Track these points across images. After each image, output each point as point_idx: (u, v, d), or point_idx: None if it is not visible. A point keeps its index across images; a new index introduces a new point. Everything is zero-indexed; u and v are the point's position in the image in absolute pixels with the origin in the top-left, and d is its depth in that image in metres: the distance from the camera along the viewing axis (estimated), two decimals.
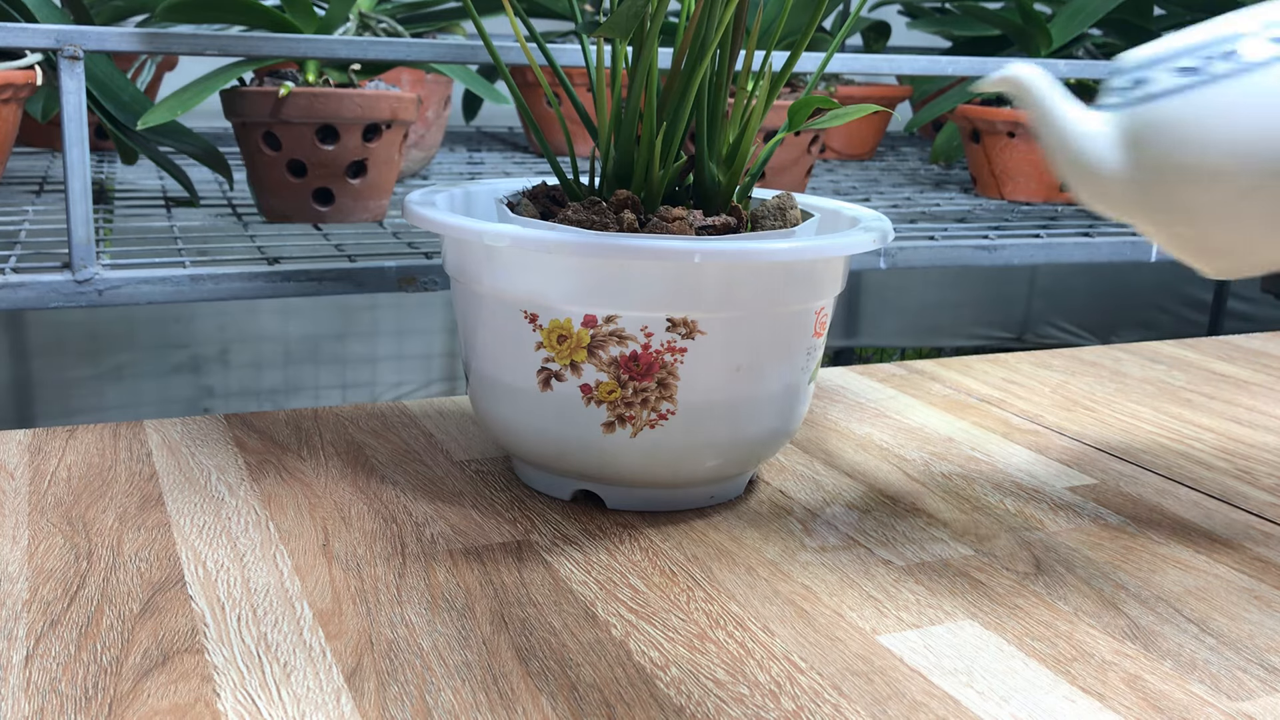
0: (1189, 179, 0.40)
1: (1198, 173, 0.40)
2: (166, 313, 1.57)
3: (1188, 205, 0.40)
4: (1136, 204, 0.41)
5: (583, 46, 0.52)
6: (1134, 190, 0.41)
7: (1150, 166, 0.40)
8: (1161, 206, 0.41)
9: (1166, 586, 0.44)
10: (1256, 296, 1.92)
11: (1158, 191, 0.41)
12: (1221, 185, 0.39)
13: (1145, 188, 0.41)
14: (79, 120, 0.68)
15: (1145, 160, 0.40)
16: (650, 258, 0.43)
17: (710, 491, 0.49)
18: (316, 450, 0.54)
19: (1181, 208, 0.40)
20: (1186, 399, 0.68)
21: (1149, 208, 0.41)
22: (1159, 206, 0.41)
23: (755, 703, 0.35)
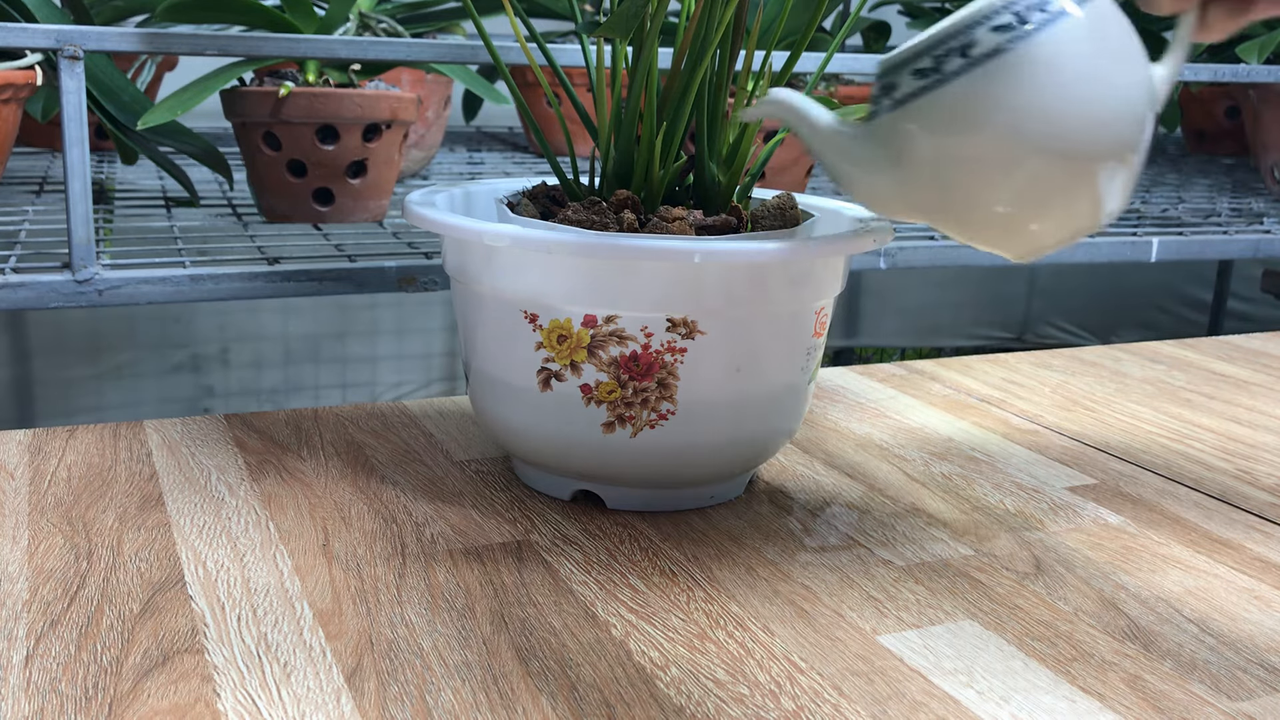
0: (945, 173, 0.41)
1: (952, 166, 0.40)
2: (166, 312, 1.57)
3: (954, 198, 0.41)
4: (910, 204, 0.42)
5: (583, 46, 0.52)
6: (904, 191, 0.42)
7: (910, 166, 0.41)
8: (933, 204, 0.41)
9: (1166, 586, 0.44)
10: (1256, 296, 1.92)
11: (925, 189, 0.41)
12: (975, 174, 0.40)
13: (913, 187, 0.42)
14: (79, 120, 0.68)
15: (905, 161, 0.41)
16: (650, 258, 0.43)
17: (710, 491, 0.49)
18: (316, 450, 0.54)
19: (950, 201, 0.41)
20: (1186, 399, 0.68)
21: (923, 206, 0.42)
22: (931, 204, 0.42)
23: (755, 703, 0.35)
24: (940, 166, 0.41)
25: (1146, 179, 1.46)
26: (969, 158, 0.40)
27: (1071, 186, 0.40)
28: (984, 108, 0.40)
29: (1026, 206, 0.40)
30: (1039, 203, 0.40)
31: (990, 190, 0.40)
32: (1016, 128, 0.39)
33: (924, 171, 0.41)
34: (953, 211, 0.42)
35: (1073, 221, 0.41)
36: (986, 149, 0.40)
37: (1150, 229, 1.06)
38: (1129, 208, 1.21)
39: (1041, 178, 0.40)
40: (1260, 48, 1.09)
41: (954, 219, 0.42)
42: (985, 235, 0.42)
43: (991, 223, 0.41)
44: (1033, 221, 0.41)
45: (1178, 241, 1.02)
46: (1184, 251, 1.03)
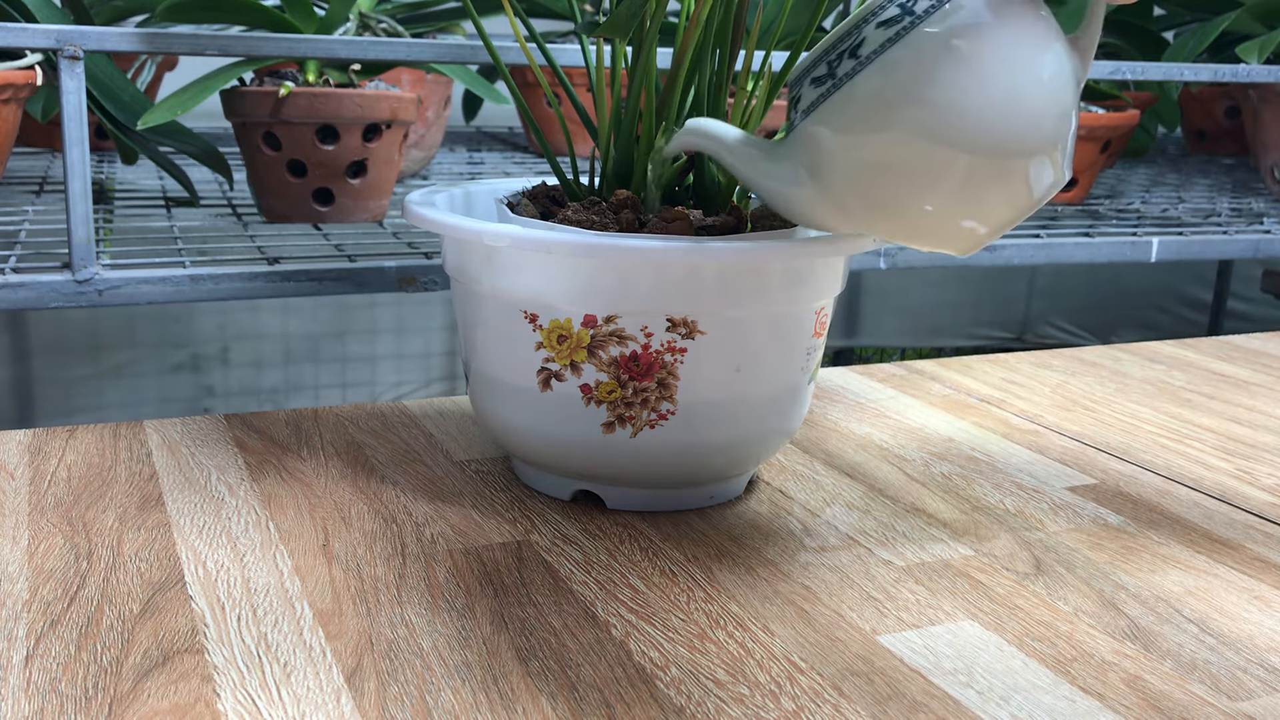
0: (860, 177, 0.40)
1: (865, 169, 0.39)
2: (166, 312, 1.57)
3: (876, 202, 0.40)
4: (840, 213, 0.41)
5: (582, 46, 0.52)
6: (828, 201, 0.41)
7: (827, 174, 0.40)
8: (860, 210, 0.41)
9: (1166, 586, 0.44)
10: (1256, 296, 1.92)
11: (846, 196, 0.41)
12: (888, 175, 0.39)
13: (835, 195, 0.41)
14: (79, 120, 0.68)
15: (822, 170, 0.41)
16: (650, 258, 0.43)
17: (710, 491, 0.49)
18: (316, 450, 0.54)
19: (875, 206, 0.40)
20: (1186, 399, 0.68)
21: (852, 214, 0.41)
22: (858, 211, 0.41)
23: (755, 703, 0.35)
24: (853, 171, 0.40)
25: (1146, 179, 1.46)
26: (877, 159, 0.39)
27: (989, 176, 0.38)
28: (879, 106, 0.38)
29: (949, 202, 0.39)
30: (961, 197, 0.39)
31: (908, 190, 0.39)
32: (917, 123, 0.38)
33: (840, 178, 0.40)
34: (880, 215, 0.40)
35: (1005, 209, 0.39)
36: (891, 148, 0.38)
37: (1150, 229, 1.07)
38: (1129, 208, 1.21)
39: (954, 171, 0.38)
40: (1260, 48, 1.09)
41: (884, 223, 0.41)
42: (920, 236, 0.41)
43: (923, 223, 0.40)
44: (963, 218, 0.39)
45: (1178, 241, 1.02)
46: (1184, 251, 1.03)
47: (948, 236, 0.40)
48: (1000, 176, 0.39)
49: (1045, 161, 0.39)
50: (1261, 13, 1.25)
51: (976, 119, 0.38)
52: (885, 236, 0.42)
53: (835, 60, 0.40)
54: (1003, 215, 0.40)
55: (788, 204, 0.43)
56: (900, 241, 0.42)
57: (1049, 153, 0.39)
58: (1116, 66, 0.97)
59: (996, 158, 0.38)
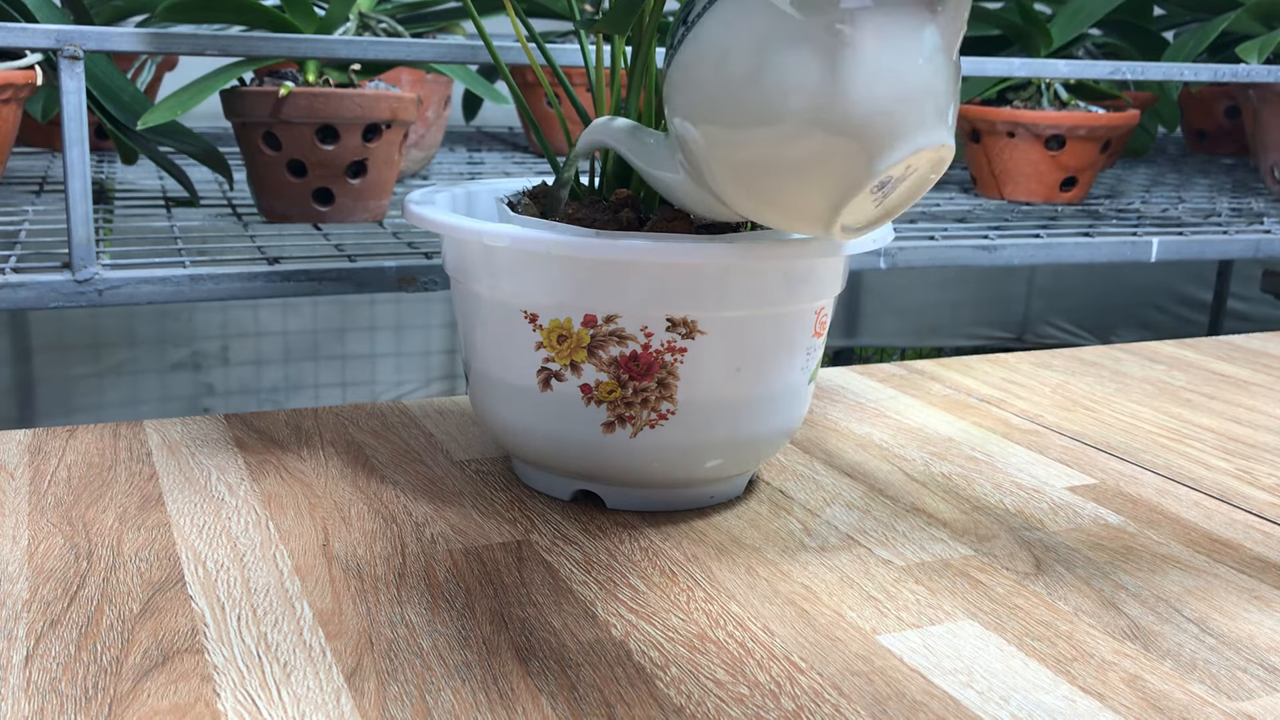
0: (744, 173, 0.39)
1: (753, 165, 0.39)
2: (166, 310, 1.57)
3: (760, 193, 0.39)
4: (729, 209, 0.41)
5: (581, 45, 0.52)
6: (714, 198, 0.41)
7: (705, 172, 0.40)
8: (738, 200, 0.40)
9: (1166, 586, 0.44)
10: (1256, 296, 1.92)
11: (727, 192, 0.40)
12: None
13: (714, 191, 0.41)
14: (79, 120, 0.68)
15: (684, 148, 0.40)
16: (650, 257, 0.43)
17: (710, 491, 0.49)
18: (316, 450, 0.54)
19: (758, 197, 0.40)
20: (1186, 399, 0.68)
21: (727, 203, 0.41)
22: (735, 201, 0.40)
23: (755, 703, 0.35)
24: (734, 174, 0.39)
25: (1146, 179, 1.46)
26: (753, 158, 0.38)
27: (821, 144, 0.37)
28: (734, 95, 0.37)
29: (834, 189, 0.38)
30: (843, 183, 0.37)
31: (796, 182, 0.38)
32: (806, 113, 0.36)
33: (722, 181, 0.39)
34: (763, 206, 0.40)
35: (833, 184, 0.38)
36: (763, 141, 0.37)
37: (1150, 229, 1.07)
38: (1128, 208, 1.21)
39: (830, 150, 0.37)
40: (1260, 48, 1.09)
41: (766, 212, 0.40)
42: (796, 222, 0.40)
43: (807, 210, 0.39)
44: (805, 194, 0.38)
45: (1178, 241, 1.02)
46: (1184, 251, 1.03)
47: (797, 216, 0.40)
48: (837, 153, 0.37)
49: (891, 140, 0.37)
50: (1261, 13, 1.25)
51: (864, 105, 0.36)
52: (763, 224, 0.42)
53: (677, 27, 0.40)
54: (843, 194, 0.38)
55: (667, 191, 0.43)
56: (764, 223, 0.41)
57: (900, 133, 0.37)
58: (1116, 66, 0.97)
59: (841, 134, 0.37)
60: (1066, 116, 1.14)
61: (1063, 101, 1.20)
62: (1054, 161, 1.17)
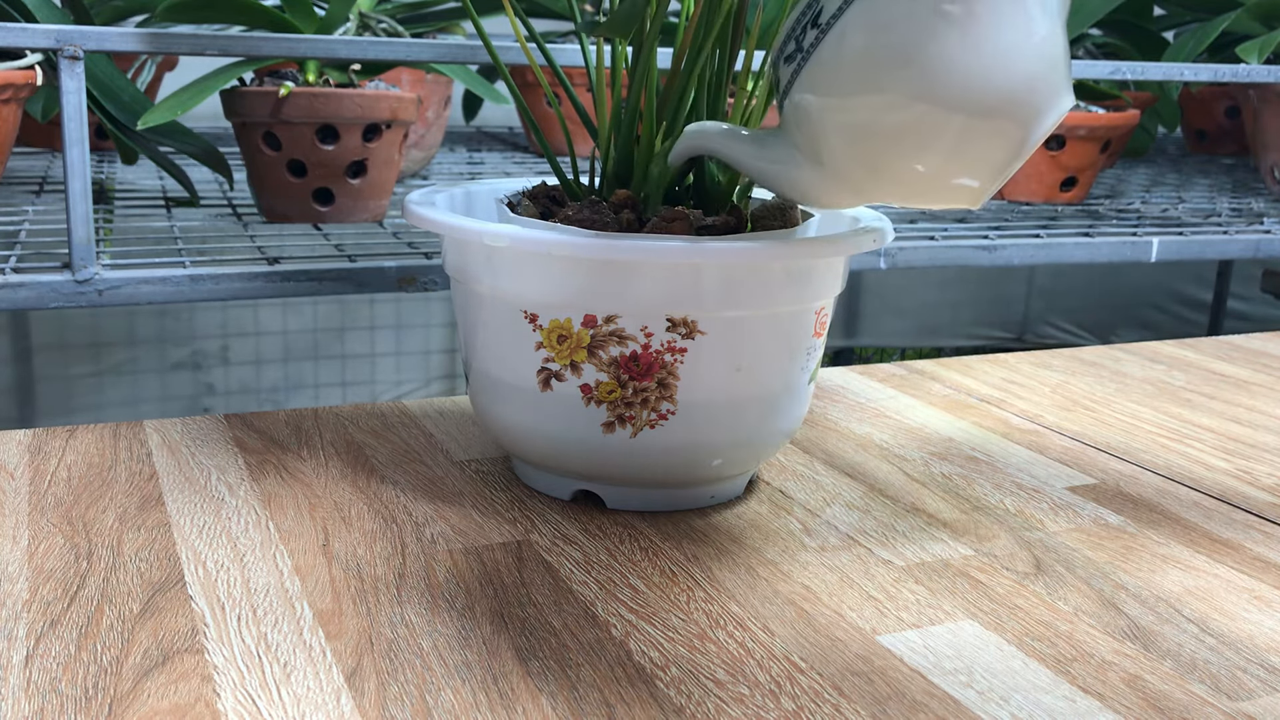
0: (850, 145, 0.39)
1: (853, 136, 0.39)
2: (166, 310, 1.57)
3: (872, 165, 0.40)
4: (845, 186, 0.41)
5: (582, 46, 0.52)
6: (830, 174, 0.41)
7: (821, 148, 0.40)
8: (861, 178, 0.40)
9: (1166, 586, 0.44)
10: (1256, 296, 1.92)
11: (844, 166, 0.40)
12: (875, 136, 0.39)
13: (834, 167, 0.40)
14: (79, 120, 0.68)
15: (816, 145, 0.40)
16: (650, 258, 0.43)
17: (710, 491, 0.49)
18: (316, 450, 0.54)
19: (874, 170, 0.40)
20: (1186, 399, 0.68)
21: (855, 185, 0.41)
22: (859, 179, 0.40)
23: (755, 703, 0.35)
24: (843, 136, 0.39)
25: (1146, 179, 1.46)
26: (866, 122, 0.38)
27: (982, 135, 0.38)
28: (849, 68, 0.38)
29: (942, 162, 0.38)
30: (954, 157, 0.38)
31: (898, 151, 0.38)
32: (907, 84, 0.37)
33: (831, 146, 0.40)
34: (876, 179, 0.40)
35: (999, 164, 0.39)
36: (881, 111, 0.38)
37: (1150, 229, 1.07)
38: (1129, 208, 1.21)
39: (947, 132, 0.37)
40: (1260, 48, 1.09)
41: (881, 186, 0.40)
42: (918, 196, 0.40)
43: (918, 184, 0.39)
44: (957, 176, 0.39)
45: (1178, 241, 1.02)
46: (1184, 251, 1.03)
47: (944, 194, 0.40)
48: (993, 135, 0.38)
49: (1038, 113, 0.38)
50: (1261, 13, 1.25)
51: (968, 79, 0.37)
52: (886, 200, 0.41)
53: (800, 34, 0.40)
54: (998, 169, 0.39)
55: (791, 187, 0.43)
56: (901, 203, 0.41)
57: (1043, 103, 0.38)
58: (1116, 66, 0.97)
59: (989, 117, 0.37)
60: (1066, 116, 1.14)
61: None
62: (1054, 161, 1.17)
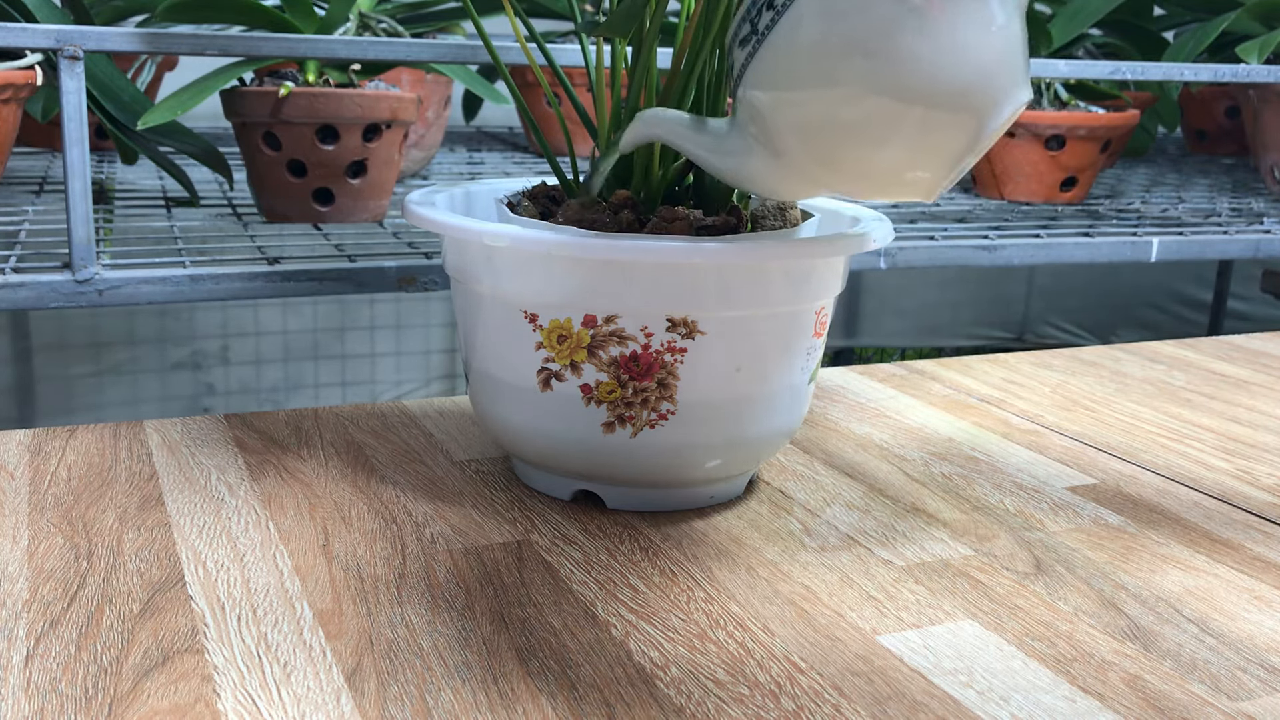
0: (802, 134, 0.39)
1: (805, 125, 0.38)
2: (166, 310, 1.57)
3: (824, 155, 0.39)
4: (800, 178, 0.40)
5: (582, 46, 0.52)
6: (784, 165, 0.40)
7: (774, 138, 0.39)
8: (815, 170, 0.40)
9: (1166, 586, 0.44)
10: (1256, 296, 1.92)
11: (797, 156, 0.39)
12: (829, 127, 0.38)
13: (788, 158, 0.40)
14: (79, 120, 0.68)
15: (769, 135, 0.40)
16: (650, 258, 0.43)
17: (710, 491, 0.49)
18: (316, 450, 0.54)
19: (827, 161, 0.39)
20: (1186, 399, 0.68)
21: (809, 175, 0.40)
22: (814, 171, 0.40)
23: (755, 703, 0.35)
24: (799, 130, 0.38)
25: (1146, 179, 1.46)
26: (824, 116, 0.38)
27: (941, 127, 0.37)
28: (803, 59, 0.37)
29: (902, 155, 0.38)
30: (914, 149, 0.37)
31: (858, 144, 0.38)
32: (864, 76, 0.37)
33: (787, 139, 0.39)
34: (834, 173, 0.39)
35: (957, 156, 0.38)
36: (839, 104, 0.37)
37: (1150, 229, 1.07)
38: (1129, 208, 1.21)
39: (907, 124, 0.37)
40: (1260, 48, 1.09)
41: (839, 180, 0.40)
42: (876, 189, 0.40)
43: (877, 176, 0.39)
44: (915, 169, 0.38)
45: (1178, 241, 1.02)
46: (1184, 251, 1.03)
47: (899, 187, 0.39)
48: (951, 128, 0.37)
49: (996, 105, 0.37)
50: (1261, 13, 1.25)
51: (929, 71, 0.36)
52: (841, 192, 0.41)
53: (756, 16, 0.39)
54: (953, 161, 0.38)
55: (747, 179, 0.42)
56: (856, 196, 0.41)
57: (1001, 96, 0.37)
58: (1116, 66, 0.97)
59: (948, 110, 0.37)
60: (1066, 116, 1.15)
61: (1063, 101, 1.20)
62: (1054, 161, 1.17)
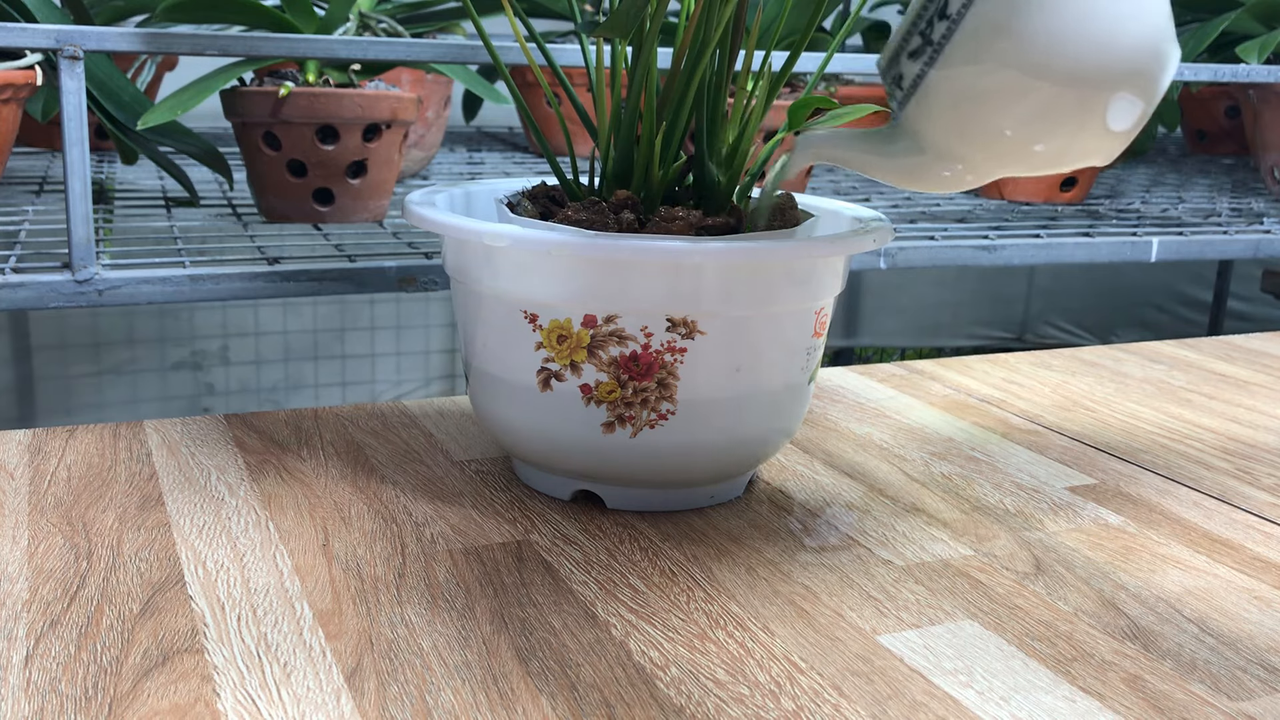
0: (956, 105, 0.41)
1: (962, 96, 0.40)
2: (166, 310, 1.57)
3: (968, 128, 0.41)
4: (948, 160, 0.42)
5: (582, 46, 0.52)
6: (936, 153, 0.42)
7: (931, 123, 0.41)
8: (958, 143, 0.42)
9: (1166, 586, 0.44)
10: (1256, 296, 1.92)
11: (947, 135, 0.42)
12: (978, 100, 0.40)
13: (941, 143, 0.42)
14: (79, 120, 0.68)
15: (937, 137, 0.42)
16: (650, 258, 0.43)
17: (710, 491, 0.49)
18: (316, 450, 0.54)
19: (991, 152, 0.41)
20: (1186, 399, 0.68)
21: (954, 153, 0.42)
22: (957, 147, 0.42)
23: (755, 703, 0.35)
24: (947, 104, 0.41)
25: (1146, 179, 1.46)
26: (968, 88, 0.40)
27: (1069, 105, 0.39)
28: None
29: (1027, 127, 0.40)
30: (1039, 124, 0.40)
31: (991, 114, 0.40)
32: (1004, 53, 0.39)
33: (939, 118, 0.41)
34: (973, 146, 0.41)
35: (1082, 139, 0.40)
36: (981, 77, 0.39)
37: (1150, 229, 1.07)
38: (1129, 208, 1.21)
39: (1036, 98, 0.39)
40: (1260, 48, 1.09)
41: (978, 154, 0.42)
42: (1007, 162, 0.42)
43: (1004, 147, 0.41)
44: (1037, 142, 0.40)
45: (1178, 241, 1.02)
46: (1184, 251, 1.03)
47: (1026, 161, 0.42)
48: (1079, 107, 0.39)
49: (1127, 96, 0.39)
50: (1261, 13, 1.25)
51: (1063, 50, 0.38)
52: (990, 170, 0.43)
53: (927, 28, 0.41)
54: (1081, 145, 0.41)
55: (911, 177, 0.44)
56: (1003, 173, 0.43)
57: (1133, 87, 0.39)
58: None
59: (1078, 88, 0.39)
60: None
61: None
62: None
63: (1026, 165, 0.42)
